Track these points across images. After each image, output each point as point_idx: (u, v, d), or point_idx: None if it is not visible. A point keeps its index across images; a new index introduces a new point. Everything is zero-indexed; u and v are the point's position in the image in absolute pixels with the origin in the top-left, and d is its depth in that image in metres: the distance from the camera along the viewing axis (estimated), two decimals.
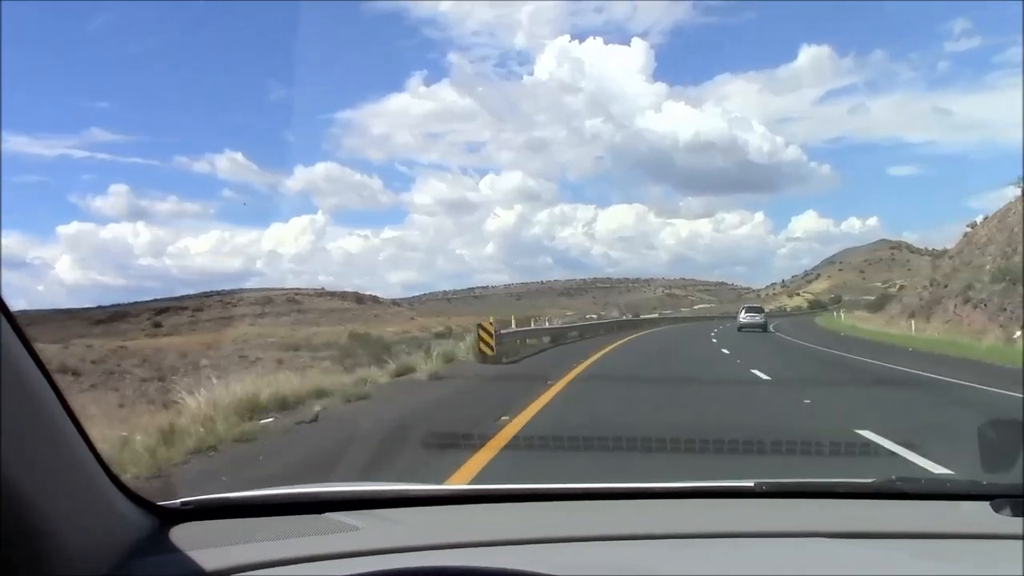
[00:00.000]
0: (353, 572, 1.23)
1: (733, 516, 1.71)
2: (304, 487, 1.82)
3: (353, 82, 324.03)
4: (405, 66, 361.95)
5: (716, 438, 6.39)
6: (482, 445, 6.64)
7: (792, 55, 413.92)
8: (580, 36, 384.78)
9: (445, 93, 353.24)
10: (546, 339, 26.80)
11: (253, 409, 8.88)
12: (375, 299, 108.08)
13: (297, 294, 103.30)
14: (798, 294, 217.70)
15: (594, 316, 65.11)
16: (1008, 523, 1.55)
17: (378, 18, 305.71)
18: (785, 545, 1.53)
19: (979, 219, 45.51)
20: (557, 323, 35.02)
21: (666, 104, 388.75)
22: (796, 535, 1.57)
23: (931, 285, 42.22)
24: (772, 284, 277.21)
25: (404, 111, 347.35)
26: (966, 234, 44.84)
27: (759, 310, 51.23)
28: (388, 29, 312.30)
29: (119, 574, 1.26)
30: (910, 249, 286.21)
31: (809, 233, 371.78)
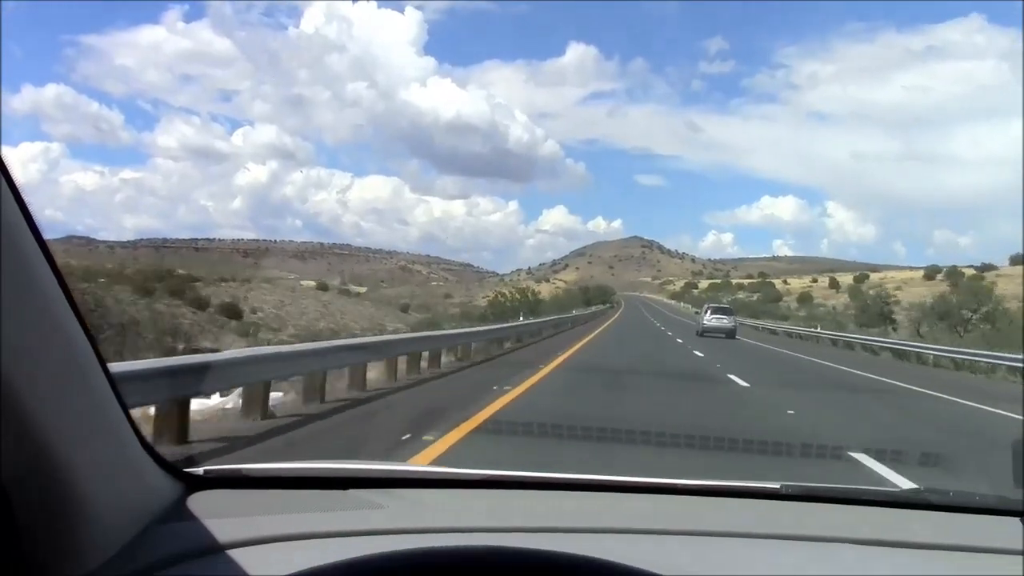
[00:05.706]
0: (381, 549, 1.25)
1: (756, 517, 1.71)
2: (327, 463, 1.81)
3: (101, 3, 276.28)
4: None
5: None
6: None
7: (560, 51, 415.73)
8: None
9: (204, 33, 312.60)
10: None
11: None
12: None
13: None
14: (548, 280, 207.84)
15: None
16: None
17: None
18: (808, 549, 1.54)
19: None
20: None
21: (432, 80, 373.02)
22: (820, 540, 1.57)
23: None
24: (518, 270, 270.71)
25: (156, 46, 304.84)
26: None
27: (727, 311, 40.32)
28: None
29: (144, 539, 1.25)
30: (661, 250, 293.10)
31: (557, 227, 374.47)
